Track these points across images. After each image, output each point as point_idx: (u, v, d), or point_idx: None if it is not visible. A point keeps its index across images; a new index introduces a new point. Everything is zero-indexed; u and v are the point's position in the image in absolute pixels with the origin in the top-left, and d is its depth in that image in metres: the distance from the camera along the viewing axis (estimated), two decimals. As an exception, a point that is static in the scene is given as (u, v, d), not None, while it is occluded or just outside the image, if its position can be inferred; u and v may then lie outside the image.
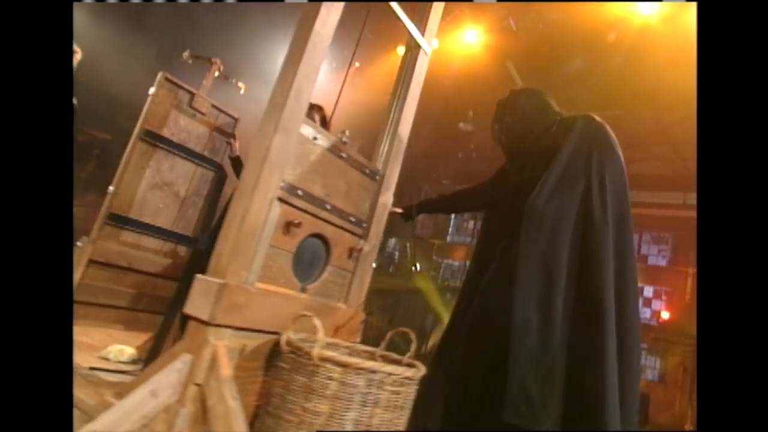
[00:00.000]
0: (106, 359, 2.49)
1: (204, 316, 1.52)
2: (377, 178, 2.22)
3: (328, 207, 1.95)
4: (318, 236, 1.95)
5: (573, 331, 1.76)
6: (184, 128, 2.68)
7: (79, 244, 2.29)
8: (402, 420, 1.53)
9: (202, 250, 2.62)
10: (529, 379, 1.66)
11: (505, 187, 2.29)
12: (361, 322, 2.11)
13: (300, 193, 1.82)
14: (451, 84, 8.54)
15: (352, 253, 2.09)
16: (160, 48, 8.88)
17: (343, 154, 2.02)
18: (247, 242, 1.63)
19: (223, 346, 1.52)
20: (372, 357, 1.80)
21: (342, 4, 1.92)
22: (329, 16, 1.86)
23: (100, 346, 2.70)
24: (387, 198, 2.26)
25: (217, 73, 2.91)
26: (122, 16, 8.04)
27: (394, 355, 1.81)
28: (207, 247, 2.62)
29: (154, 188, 2.58)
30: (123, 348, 2.58)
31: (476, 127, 10.03)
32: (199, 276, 1.60)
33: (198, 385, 1.48)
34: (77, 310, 2.28)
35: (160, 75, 2.57)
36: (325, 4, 1.84)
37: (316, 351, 1.42)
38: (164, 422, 1.43)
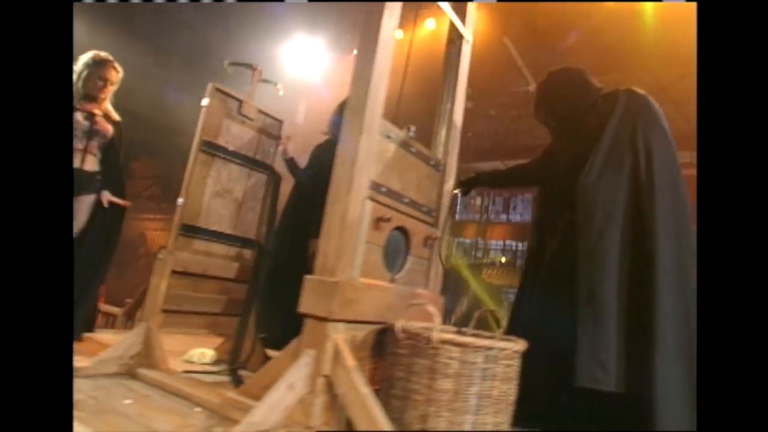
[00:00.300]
0: (191, 362, 2.61)
1: (322, 313, 1.63)
2: (440, 168, 2.32)
3: (406, 200, 2.06)
4: (399, 229, 2.06)
5: (631, 301, 1.87)
6: (236, 135, 2.76)
7: (160, 256, 2.39)
8: (514, 390, 1.66)
9: (269, 251, 2.73)
10: (599, 344, 1.76)
11: (557, 164, 2.39)
12: (442, 304, 2.24)
13: (383, 189, 1.93)
14: (450, 63, 8.57)
15: (427, 241, 2.20)
16: (156, 55, 8.87)
17: (413, 149, 2.12)
18: (349, 241, 1.74)
19: (341, 339, 1.64)
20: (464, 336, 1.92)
21: (400, 4, 2.00)
22: (391, 18, 1.95)
23: (175, 351, 2.81)
24: (450, 185, 2.37)
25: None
26: (115, 25, 8.00)
27: (485, 333, 1.93)
28: (274, 248, 2.74)
29: (217, 196, 2.68)
30: (204, 351, 2.70)
31: (476, 104, 10.10)
32: (308, 276, 1.71)
33: (325, 376, 1.60)
34: (167, 318, 2.39)
35: (210, 86, 2.63)
36: (387, 7, 1.92)
37: (435, 335, 1.54)
38: (301, 412, 1.56)
